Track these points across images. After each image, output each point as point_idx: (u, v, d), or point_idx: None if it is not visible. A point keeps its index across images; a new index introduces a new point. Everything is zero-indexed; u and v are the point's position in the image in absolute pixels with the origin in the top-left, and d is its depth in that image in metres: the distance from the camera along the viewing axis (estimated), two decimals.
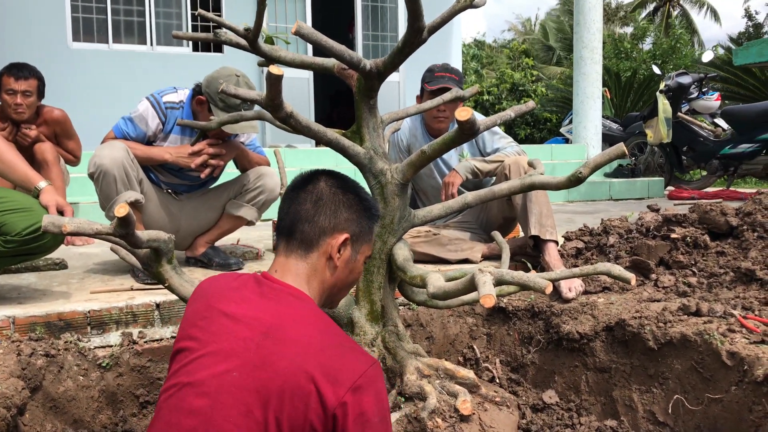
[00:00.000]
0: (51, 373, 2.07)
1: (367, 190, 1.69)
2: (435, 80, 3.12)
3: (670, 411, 2.17)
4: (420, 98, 3.27)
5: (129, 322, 2.34)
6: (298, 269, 1.40)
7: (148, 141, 2.88)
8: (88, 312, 2.29)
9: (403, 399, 1.94)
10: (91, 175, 2.69)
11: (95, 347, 2.27)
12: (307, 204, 1.42)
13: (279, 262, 1.42)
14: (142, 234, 1.68)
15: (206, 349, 1.25)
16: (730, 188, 7.54)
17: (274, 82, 1.53)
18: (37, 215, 2.14)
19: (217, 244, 3.19)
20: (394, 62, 1.77)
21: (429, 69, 3.21)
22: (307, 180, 1.48)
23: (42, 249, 2.24)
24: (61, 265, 2.98)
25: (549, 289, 1.40)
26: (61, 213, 2.22)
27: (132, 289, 2.56)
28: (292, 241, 1.42)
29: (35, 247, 2.20)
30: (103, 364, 2.21)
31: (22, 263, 2.73)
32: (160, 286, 1.99)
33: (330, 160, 6.46)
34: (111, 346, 2.28)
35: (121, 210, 1.49)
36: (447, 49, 9.77)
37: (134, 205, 2.70)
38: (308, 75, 8.82)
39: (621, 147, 1.71)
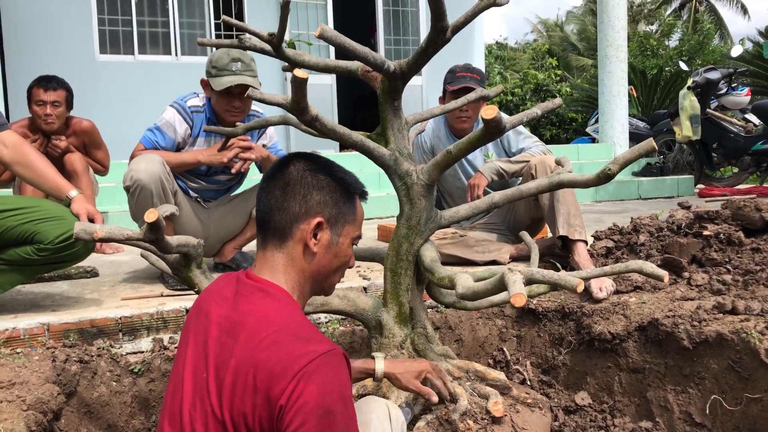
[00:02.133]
0: (85, 379, 2.10)
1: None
2: (456, 80, 3.11)
3: (707, 411, 2.12)
4: (443, 100, 3.26)
5: (160, 328, 2.36)
6: (275, 261, 1.35)
7: (178, 148, 2.91)
8: (120, 318, 2.32)
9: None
10: (127, 188, 2.71)
11: (127, 353, 2.29)
12: (277, 191, 1.36)
13: (258, 256, 1.39)
14: (172, 239, 1.70)
15: (190, 350, 1.29)
16: (763, 185, 7.38)
17: (299, 86, 1.54)
18: (69, 223, 2.18)
19: (244, 249, 3.21)
20: (417, 63, 1.76)
21: (450, 70, 3.20)
22: (278, 167, 1.41)
23: (74, 256, 2.28)
24: (93, 273, 3.03)
25: (580, 288, 1.38)
26: (91, 221, 2.25)
27: (162, 296, 2.58)
28: (266, 233, 1.37)
29: (67, 254, 2.24)
30: (135, 370, 2.23)
31: (54, 271, 2.78)
32: (190, 291, 2.00)
33: (354, 164, 6.48)
34: (142, 352, 2.31)
35: (150, 215, 1.51)
36: (469, 50, 9.74)
37: (168, 217, 2.73)
38: (331, 80, 8.86)
39: (650, 142, 1.68)
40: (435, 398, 1.77)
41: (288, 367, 1.14)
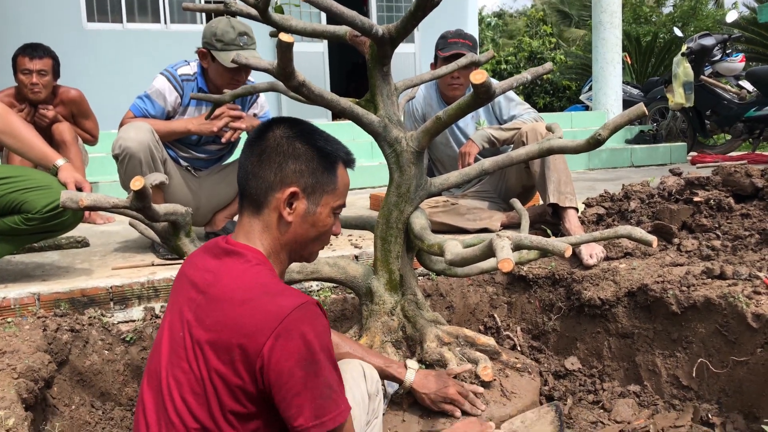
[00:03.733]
0: (77, 348, 2.11)
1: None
2: (448, 47, 3.07)
3: (694, 375, 2.15)
4: (434, 66, 3.22)
5: (151, 297, 2.36)
6: (251, 227, 1.35)
7: (168, 116, 2.88)
8: (111, 288, 2.31)
9: (423, 366, 1.94)
10: (116, 157, 2.69)
11: (118, 322, 2.30)
12: (254, 158, 1.35)
13: (237, 222, 1.39)
14: (159, 207, 1.69)
15: (168, 311, 1.33)
16: (756, 152, 7.39)
17: (285, 50, 1.51)
18: (56, 192, 2.16)
19: (236, 218, 3.20)
20: (406, 27, 1.74)
21: (442, 36, 3.16)
22: (258, 132, 1.38)
23: (62, 226, 2.26)
24: (83, 243, 3.02)
25: (568, 253, 1.38)
26: (79, 189, 2.23)
27: (153, 265, 2.58)
28: (244, 200, 1.37)
29: (56, 224, 2.22)
30: (127, 339, 2.24)
31: (44, 241, 2.76)
32: (181, 261, 2.00)
33: (346, 133, 6.44)
34: (134, 321, 2.31)
35: (136, 183, 1.50)
36: (462, 17, 9.63)
37: (158, 186, 2.71)
38: (323, 48, 8.76)
39: (641, 107, 1.67)
40: (458, 413, 1.78)
41: (263, 325, 1.15)
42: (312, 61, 8.55)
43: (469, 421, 1.68)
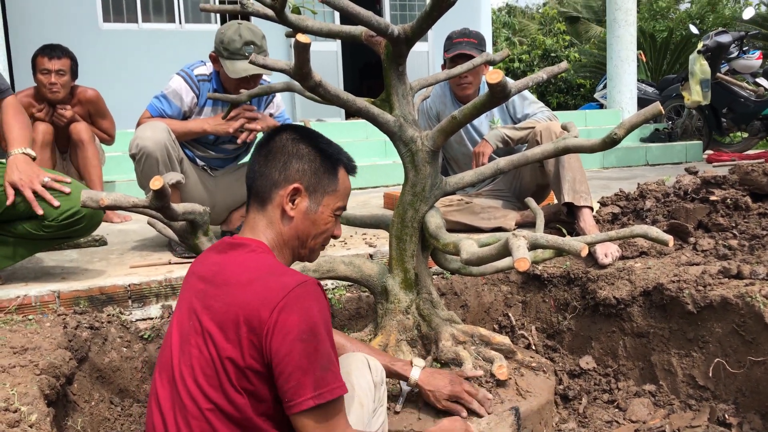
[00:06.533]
0: (96, 345, 2.13)
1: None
2: (453, 47, 3.08)
3: (710, 374, 2.14)
4: (444, 68, 3.22)
5: (168, 295, 2.39)
6: (256, 223, 1.45)
7: (184, 116, 2.90)
8: (129, 286, 2.34)
9: (438, 365, 1.95)
10: (133, 156, 2.72)
11: (137, 320, 2.32)
12: (261, 158, 1.46)
13: (244, 219, 1.49)
14: (178, 207, 1.71)
15: (177, 308, 1.41)
16: None
17: (302, 51, 1.52)
18: (73, 200, 2.18)
19: None
20: (422, 27, 1.74)
21: (448, 36, 3.17)
22: (267, 137, 1.50)
23: (79, 232, 2.28)
24: (101, 242, 3.05)
25: (584, 252, 1.39)
26: (17, 191, 2.13)
27: (170, 263, 2.61)
28: (251, 198, 1.48)
29: (72, 231, 2.24)
30: (145, 336, 2.27)
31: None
32: None
33: (360, 132, 6.45)
34: (152, 319, 2.34)
35: (156, 183, 1.52)
36: (476, 16, 9.61)
37: (175, 185, 2.74)
38: (336, 48, 8.77)
39: (657, 106, 1.67)
40: (464, 413, 1.76)
41: (267, 301, 1.22)
42: (326, 60, 8.56)
43: (454, 419, 1.66)
